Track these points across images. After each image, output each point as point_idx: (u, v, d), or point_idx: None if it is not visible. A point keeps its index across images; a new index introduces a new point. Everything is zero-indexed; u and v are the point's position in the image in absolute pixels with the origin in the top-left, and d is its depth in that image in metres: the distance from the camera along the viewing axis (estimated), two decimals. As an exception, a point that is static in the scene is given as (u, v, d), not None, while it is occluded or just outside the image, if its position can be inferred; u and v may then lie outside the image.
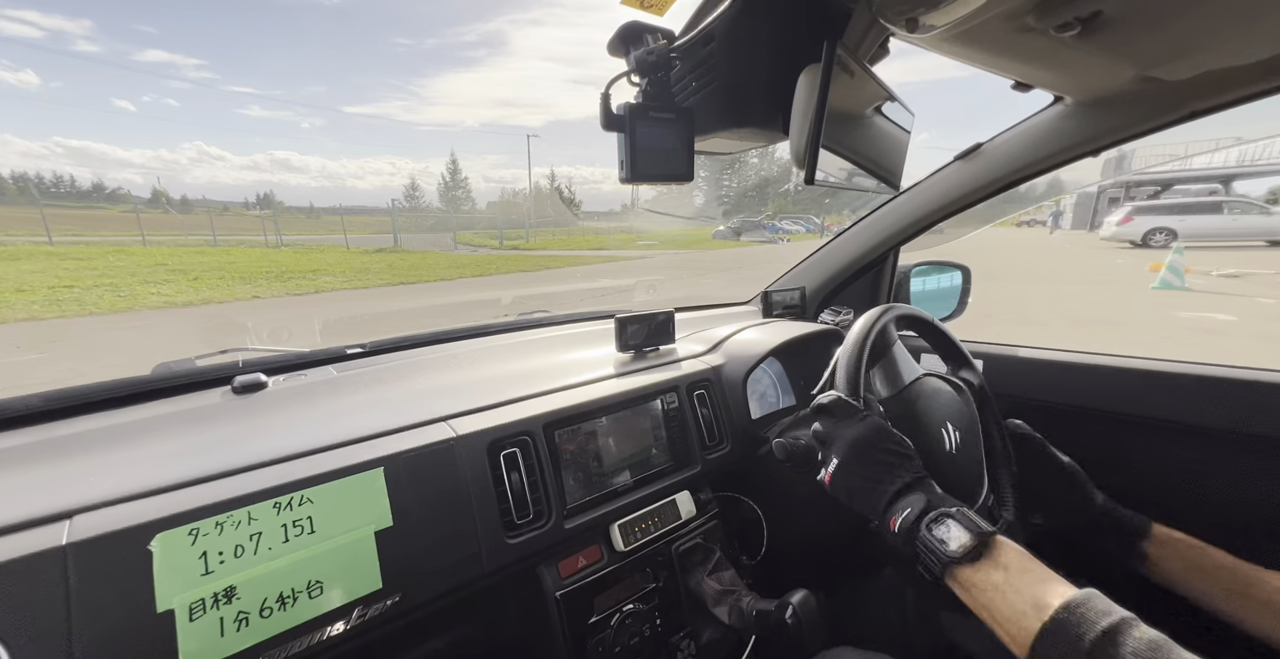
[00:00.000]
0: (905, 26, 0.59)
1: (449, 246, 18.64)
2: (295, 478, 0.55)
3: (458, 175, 57.38)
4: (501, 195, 78.05)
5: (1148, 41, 0.63)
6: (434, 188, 63.25)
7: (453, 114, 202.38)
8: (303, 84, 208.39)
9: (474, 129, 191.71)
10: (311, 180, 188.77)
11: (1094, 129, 0.87)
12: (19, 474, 0.53)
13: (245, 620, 0.49)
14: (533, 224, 29.22)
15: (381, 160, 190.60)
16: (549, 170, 76.17)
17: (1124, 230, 12.85)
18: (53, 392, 0.66)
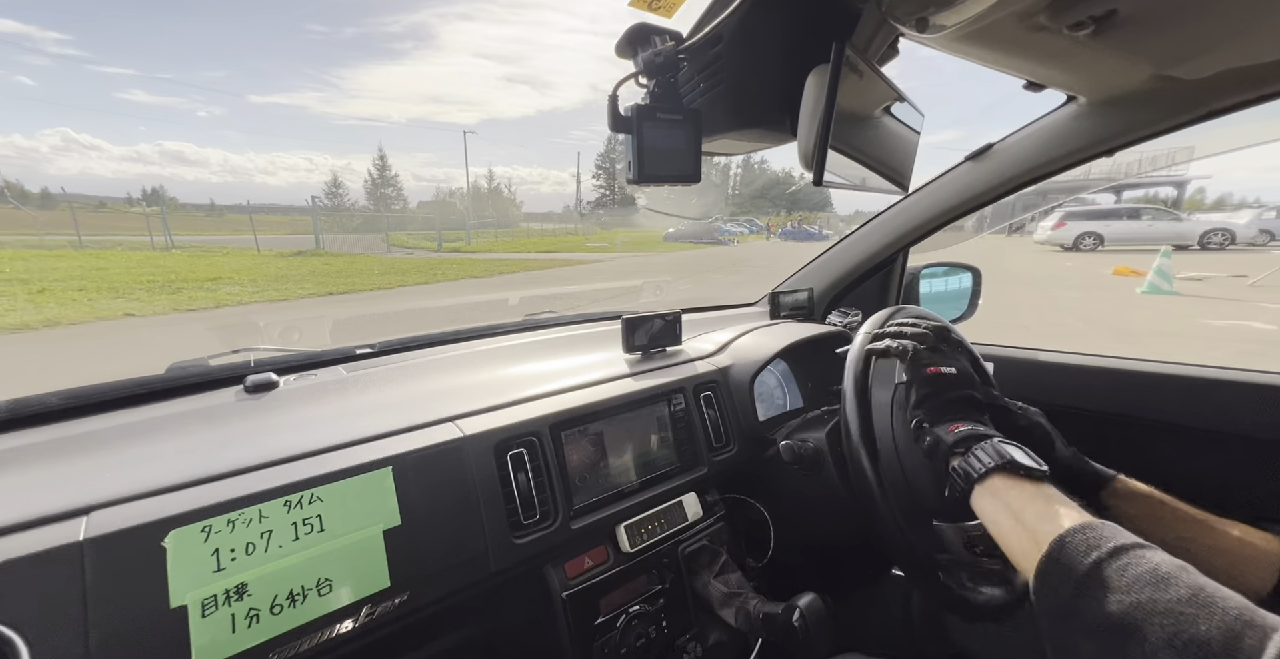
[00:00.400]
0: (915, 26, 0.58)
1: (381, 249, 16.49)
2: (305, 476, 0.56)
3: (387, 172, 52.60)
4: (436, 195, 72.85)
5: (1164, 40, 0.62)
6: (360, 185, 56.90)
7: (378, 108, 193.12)
8: (198, 68, 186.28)
9: (402, 125, 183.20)
10: (212, 175, 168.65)
11: (1108, 129, 0.86)
12: (38, 470, 0.55)
13: (256, 617, 0.50)
14: (473, 225, 27.74)
15: (297, 155, 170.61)
16: (486, 170, 74.33)
17: (1057, 235, 13.68)
18: (70, 390, 0.67)
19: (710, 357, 1.04)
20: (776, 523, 0.96)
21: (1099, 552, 0.39)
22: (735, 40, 0.62)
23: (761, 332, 1.12)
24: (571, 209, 76.47)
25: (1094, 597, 0.37)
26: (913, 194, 1.19)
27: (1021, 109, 1.00)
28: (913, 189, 1.08)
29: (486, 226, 31.58)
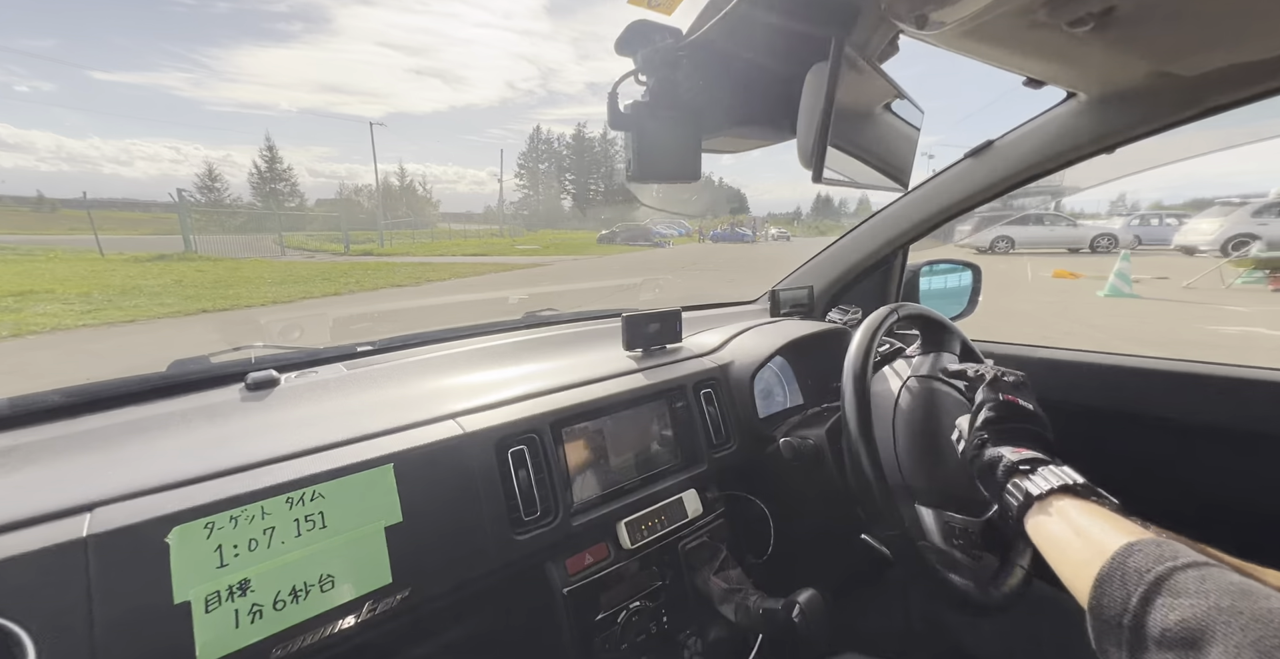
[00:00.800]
0: (915, 23, 0.58)
1: (273, 252, 14.10)
2: (307, 473, 0.56)
3: (277, 165, 46.46)
4: (340, 192, 66.74)
5: (1163, 36, 0.62)
6: (244, 179, 49.65)
7: (263, 95, 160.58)
8: (14, 33, 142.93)
9: (294, 115, 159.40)
10: (41, 163, 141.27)
11: (1108, 126, 0.86)
12: (42, 467, 0.55)
13: (259, 613, 0.50)
14: (386, 225, 25.35)
15: (159, 143, 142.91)
16: (397, 167, 67.34)
17: (974, 239, 14.58)
18: (72, 388, 0.67)
19: (710, 354, 1.04)
20: (776, 519, 0.97)
21: (1172, 562, 0.36)
22: (734, 37, 0.62)
23: (761, 329, 1.13)
24: (494, 209, 73.02)
25: (1164, 603, 0.34)
26: (912, 191, 1.19)
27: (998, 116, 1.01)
28: (912, 186, 1.08)
29: (401, 226, 29.20)
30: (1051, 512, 0.49)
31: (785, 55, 0.64)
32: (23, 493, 0.49)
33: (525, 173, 74.34)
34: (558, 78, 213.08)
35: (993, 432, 0.60)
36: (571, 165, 75.60)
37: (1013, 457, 0.55)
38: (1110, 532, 0.43)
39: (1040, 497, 0.50)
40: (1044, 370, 1.12)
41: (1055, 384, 1.10)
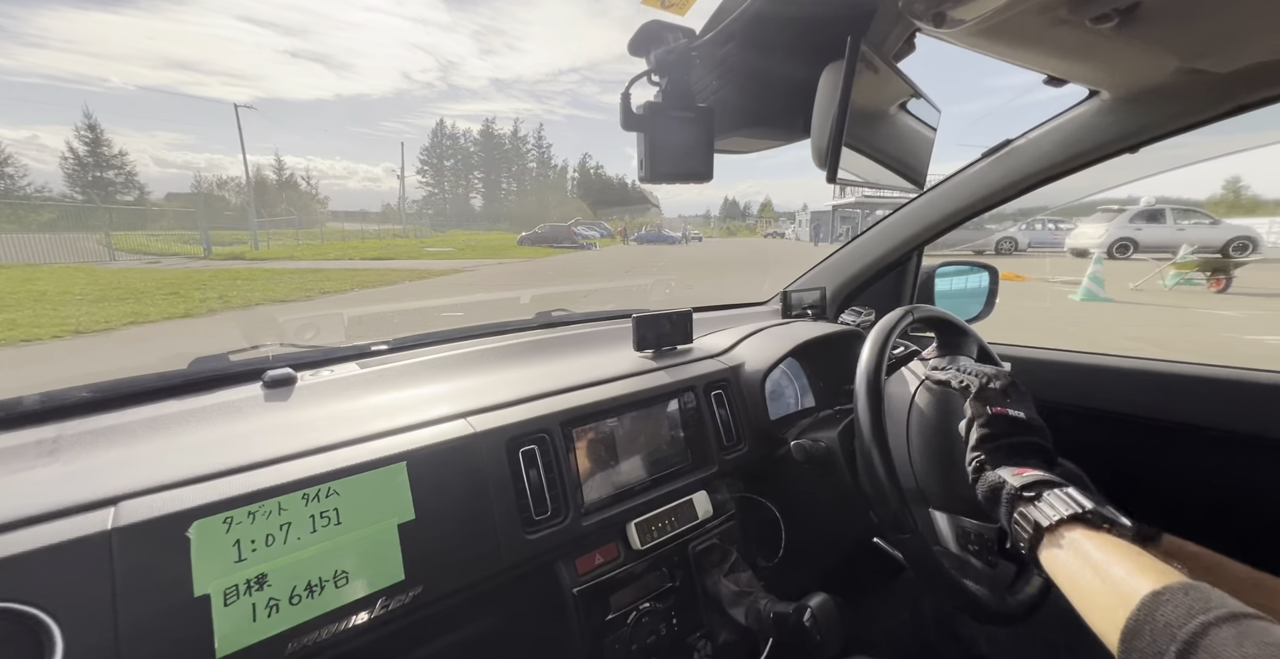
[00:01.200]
0: (932, 21, 0.58)
1: (99, 256, 11.44)
2: (322, 471, 0.57)
3: (104, 150, 38.72)
4: (197, 185, 57.53)
5: (1192, 32, 0.60)
6: (56, 166, 40.87)
7: (83, 65, 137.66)
8: None
9: (130, 93, 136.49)
10: None
11: (1132, 125, 0.84)
12: (69, 461, 0.56)
13: (276, 607, 0.51)
14: (262, 224, 21.99)
15: None
16: (273, 158, 58.19)
17: None
18: (99, 384, 0.69)
19: (721, 355, 1.03)
20: (787, 523, 0.96)
21: (1204, 616, 0.34)
22: (748, 37, 0.62)
23: (773, 330, 1.12)
24: (394, 207, 65.70)
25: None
26: (927, 192, 1.17)
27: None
28: (928, 186, 1.06)
29: (281, 226, 25.58)
30: (1064, 544, 0.47)
31: (800, 54, 0.64)
32: (52, 485, 0.51)
33: (429, 170, 69.19)
34: (459, 72, 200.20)
35: (988, 451, 0.57)
36: (481, 163, 71.31)
37: (1014, 480, 0.52)
38: (1133, 574, 0.41)
39: (1050, 528, 0.48)
40: (1061, 374, 1.10)
41: (1072, 388, 1.07)
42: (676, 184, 0.66)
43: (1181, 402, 0.95)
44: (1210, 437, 0.93)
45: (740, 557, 0.88)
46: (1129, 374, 1.01)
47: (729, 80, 0.66)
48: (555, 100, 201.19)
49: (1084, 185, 1.03)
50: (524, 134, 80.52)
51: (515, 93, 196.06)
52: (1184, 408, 0.95)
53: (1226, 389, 0.91)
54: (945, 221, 1.17)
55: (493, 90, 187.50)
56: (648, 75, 0.62)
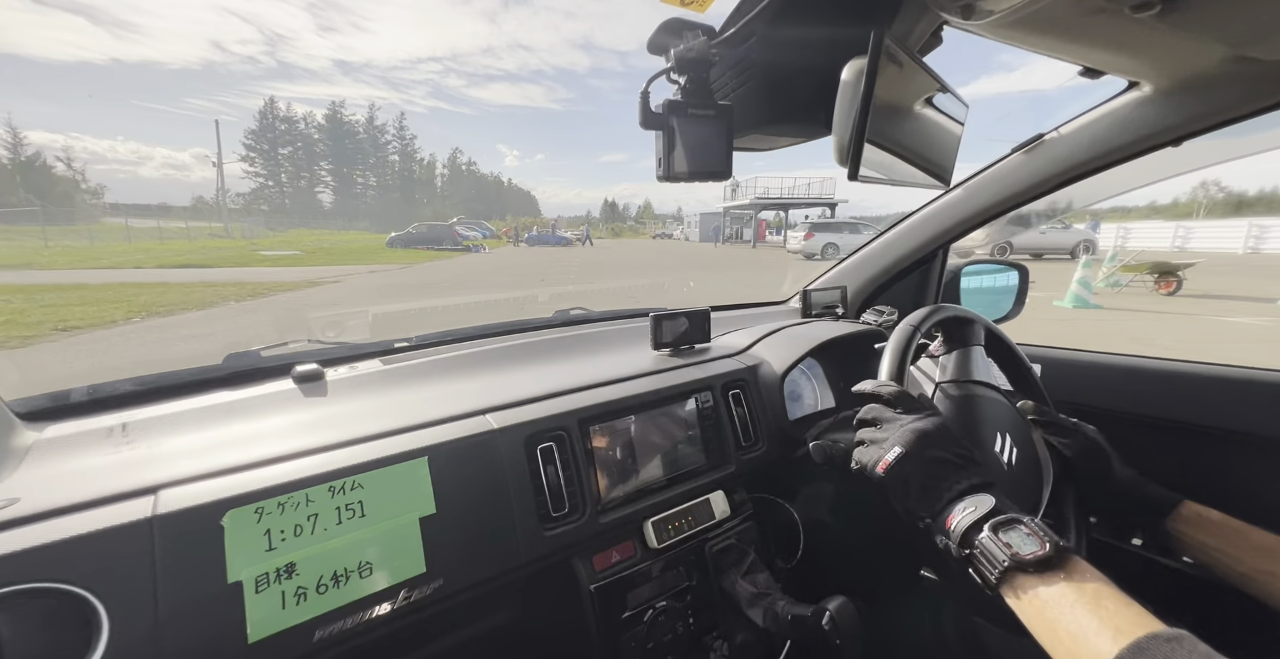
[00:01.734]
0: (960, 13, 0.56)
1: None
2: (348, 464, 0.58)
3: None
4: None
5: (1242, 17, 0.57)
6: None
7: None
8: None
9: None
10: None
11: (1176, 117, 0.80)
12: (113, 451, 0.59)
13: (304, 595, 0.53)
14: None
15: None
16: (6, 133, 44.80)
17: (809, 244, 16.47)
18: (143, 378, 0.73)
19: (739, 354, 1.03)
20: (806, 524, 0.95)
21: None
22: (769, 33, 0.61)
23: (792, 330, 1.10)
24: (211, 201, 48.42)
25: None
26: (954, 188, 1.14)
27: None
28: (954, 183, 1.03)
29: (21, 220, 18.62)
30: (1018, 598, 0.45)
31: (822, 49, 0.62)
32: (98, 473, 0.54)
33: (257, 157, 56.27)
34: (291, 48, 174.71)
35: (915, 502, 0.53)
36: (330, 153, 60.98)
37: (950, 538, 0.49)
38: (1089, 629, 0.40)
39: (998, 585, 0.46)
40: (1093, 374, 1.05)
41: (1104, 390, 1.03)
42: (694, 183, 0.66)
43: (1220, 406, 0.91)
44: (1251, 443, 0.88)
45: (758, 558, 0.87)
46: (1166, 376, 0.97)
47: (749, 77, 0.65)
48: (415, 90, 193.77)
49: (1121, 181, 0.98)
50: (382, 123, 71.42)
51: (367, 78, 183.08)
52: (1222, 412, 0.91)
53: (1269, 392, 0.86)
54: (972, 219, 1.14)
55: (337, 72, 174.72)
56: (666, 73, 0.62)
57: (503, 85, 19.80)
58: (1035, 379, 0.84)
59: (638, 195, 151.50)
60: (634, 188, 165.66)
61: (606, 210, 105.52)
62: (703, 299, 1.17)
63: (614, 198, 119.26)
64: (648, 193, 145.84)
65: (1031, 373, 0.84)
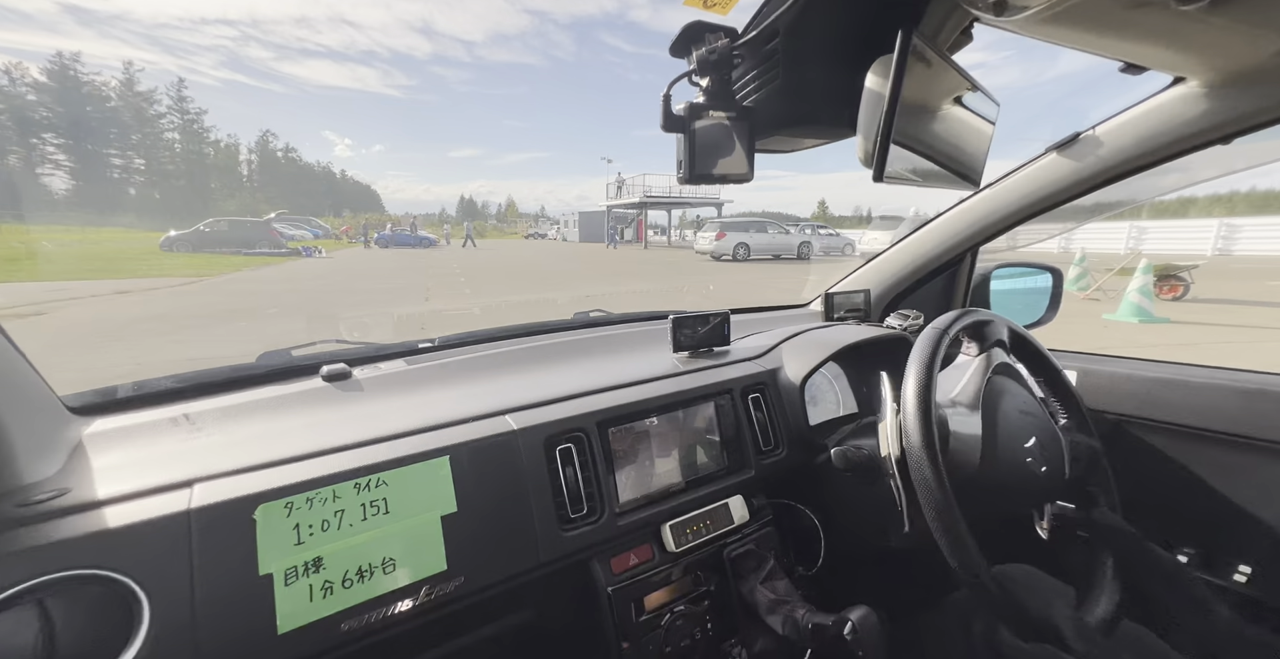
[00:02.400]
0: (993, 10, 0.54)
1: None
2: (373, 462, 0.60)
3: None
4: None
5: None
6: None
7: None
8: None
9: None
10: None
11: (1226, 113, 0.76)
12: (154, 445, 0.62)
13: (330, 589, 0.54)
14: None
15: None
16: None
17: (721, 245, 15.28)
18: (182, 375, 0.76)
19: (759, 358, 1.02)
20: (828, 532, 0.93)
21: None
22: (793, 33, 0.60)
23: (814, 333, 1.09)
24: None
25: None
26: (984, 189, 1.11)
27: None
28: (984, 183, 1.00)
29: None
30: None
31: (847, 49, 0.61)
32: (139, 466, 0.56)
33: None
34: None
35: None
36: (56, 121, 43.12)
37: None
38: None
39: None
40: (1132, 385, 1.01)
41: (1143, 400, 0.99)
42: (715, 185, 0.66)
43: (1264, 415, 0.86)
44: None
45: (778, 564, 0.86)
46: (1210, 388, 0.92)
47: (771, 79, 0.64)
48: (201, 57, 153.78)
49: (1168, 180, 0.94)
50: (149, 90, 52.68)
51: (121, 34, 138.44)
52: (1266, 422, 0.86)
53: None
54: (1004, 221, 1.10)
55: (69, 21, 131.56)
56: (689, 76, 0.62)
57: (324, 63, 18.26)
58: (1070, 386, 0.80)
59: (497, 193, 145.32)
60: (492, 185, 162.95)
61: (464, 208, 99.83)
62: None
63: (471, 195, 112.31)
64: (510, 190, 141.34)
65: (1065, 380, 0.81)
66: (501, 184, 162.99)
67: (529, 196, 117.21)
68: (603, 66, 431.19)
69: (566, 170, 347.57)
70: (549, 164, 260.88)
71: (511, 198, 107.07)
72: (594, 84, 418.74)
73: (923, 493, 0.60)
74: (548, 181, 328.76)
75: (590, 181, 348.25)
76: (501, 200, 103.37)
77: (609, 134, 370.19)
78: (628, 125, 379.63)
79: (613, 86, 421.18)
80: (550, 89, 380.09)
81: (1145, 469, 1.00)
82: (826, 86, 0.65)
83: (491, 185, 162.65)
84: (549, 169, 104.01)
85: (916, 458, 0.61)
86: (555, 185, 46.22)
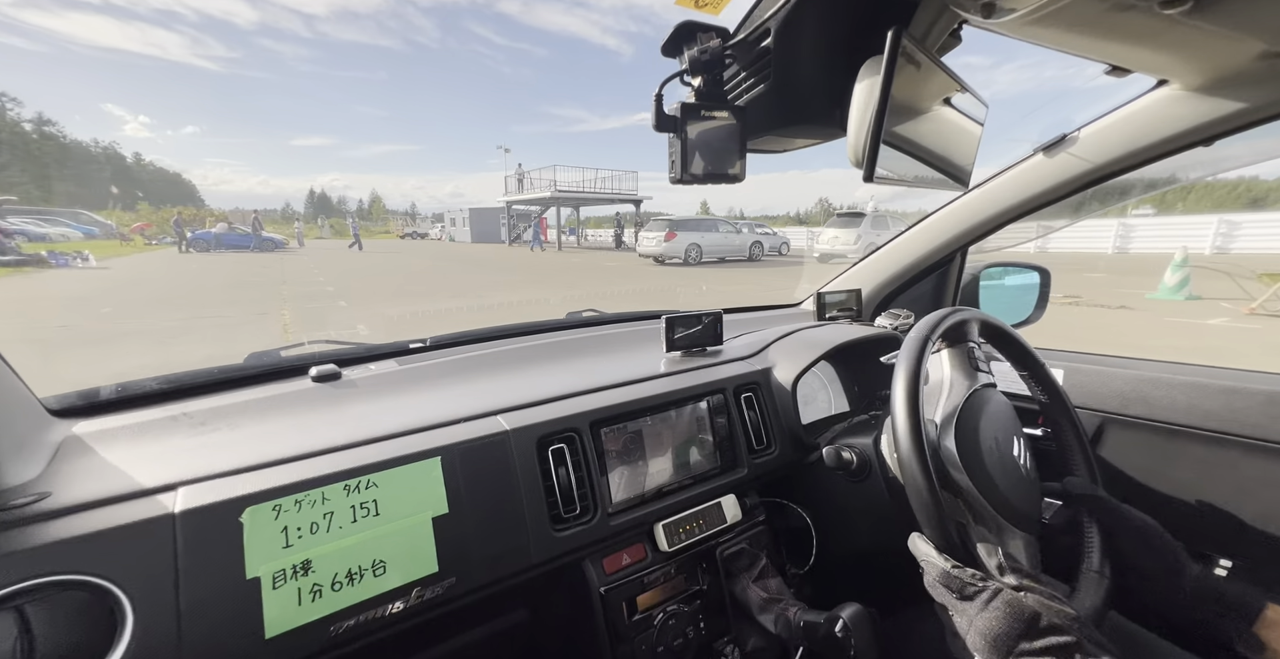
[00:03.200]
0: (981, 12, 0.55)
1: None
2: (363, 463, 0.59)
3: None
4: None
5: (1277, 12, 0.55)
6: None
7: None
8: None
9: None
10: None
11: (1207, 115, 0.78)
12: (139, 447, 0.61)
13: (319, 592, 0.54)
14: None
15: None
16: None
17: (671, 246, 13.74)
18: (167, 376, 0.75)
19: (751, 357, 1.02)
20: (819, 530, 0.94)
21: None
22: (784, 34, 0.60)
23: (806, 333, 1.09)
24: None
25: None
26: (973, 189, 1.12)
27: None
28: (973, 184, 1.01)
29: None
30: None
31: (838, 50, 0.62)
32: (124, 469, 0.55)
33: None
34: None
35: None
36: None
37: None
38: None
39: None
40: (1120, 383, 1.02)
41: (1131, 398, 1.00)
42: (707, 185, 0.66)
43: (1242, 412, 0.88)
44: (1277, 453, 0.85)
45: (770, 563, 0.87)
46: (1197, 387, 0.94)
47: (763, 79, 0.65)
48: None
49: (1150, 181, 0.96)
50: None
51: None
52: (1243, 419, 0.88)
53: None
54: (992, 221, 1.11)
55: None
56: (681, 76, 0.62)
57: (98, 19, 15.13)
58: (1056, 384, 0.81)
59: (356, 187, 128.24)
60: (350, 178, 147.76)
61: (315, 203, 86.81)
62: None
63: (323, 188, 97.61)
64: (373, 184, 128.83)
65: (1052, 378, 0.82)
66: (362, 177, 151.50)
67: (395, 192, 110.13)
68: (471, 57, 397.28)
69: (437, 166, 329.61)
70: (418, 158, 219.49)
71: (376, 193, 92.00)
72: (465, 75, 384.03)
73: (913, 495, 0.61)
74: (417, 176, 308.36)
75: (466, 178, 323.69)
76: (364, 195, 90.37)
77: (485, 129, 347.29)
78: (505, 121, 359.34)
79: (486, 79, 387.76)
80: (415, 77, 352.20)
81: (1129, 465, 1.02)
82: (818, 87, 0.65)
83: (349, 178, 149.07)
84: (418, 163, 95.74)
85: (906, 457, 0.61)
86: (425, 181, 44.01)
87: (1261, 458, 0.88)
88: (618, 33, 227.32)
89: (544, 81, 18.89)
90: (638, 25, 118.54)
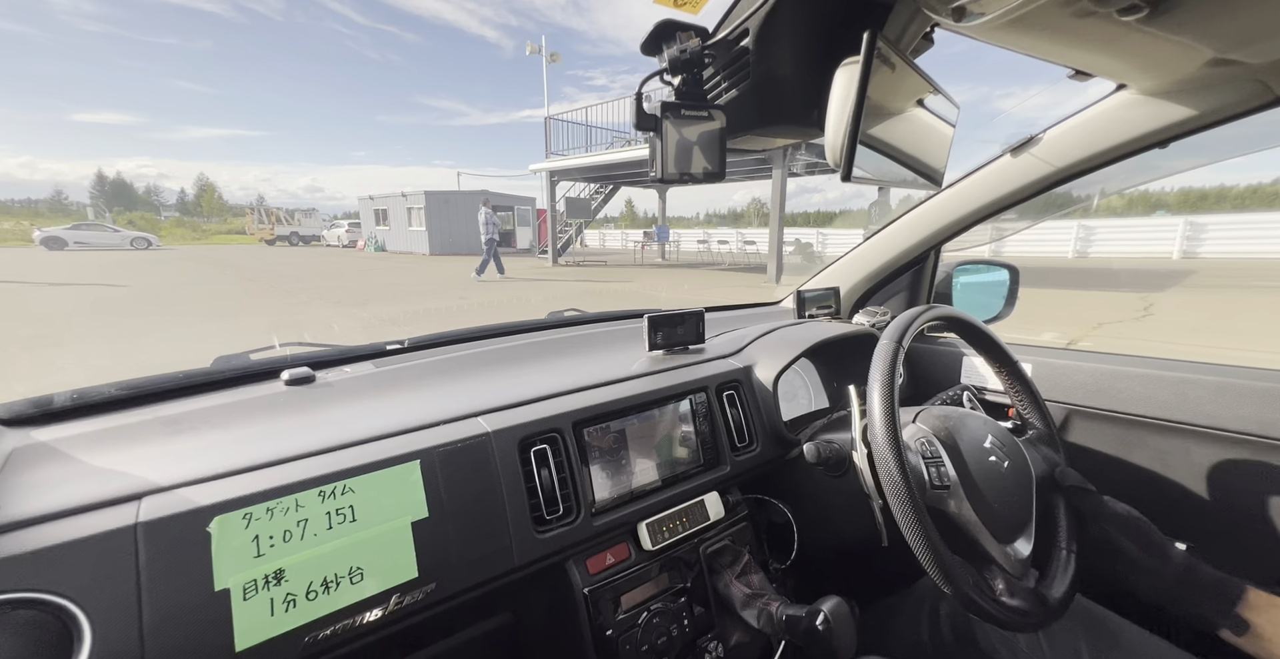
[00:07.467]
0: (951, 15, 0.56)
1: None
2: (338, 468, 0.58)
3: None
4: None
5: (1225, 20, 0.58)
6: None
7: None
8: None
9: None
10: None
11: (1162, 119, 0.81)
12: (97, 457, 0.58)
13: (293, 602, 0.52)
14: None
15: None
16: None
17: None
18: (126, 382, 0.71)
19: (733, 355, 1.03)
20: (800, 525, 0.95)
21: None
22: (762, 34, 0.61)
23: (786, 331, 1.11)
24: None
25: None
26: (946, 189, 1.15)
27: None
28: (946, 184, 1.04)
29: None
30: None
31: (815, 51, 0.63)
32: (80, 481, 0.52)
33: None
34: None
35: None
36: None
37: None
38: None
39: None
40: (1087, 376, 1.07)
41: (1098, 390, 1.04)
42: (688, 184, 0.66)
43: (1215, 408, 0.92)
44: (1244, 443, 0.90)
45: (752, 558, 0.87)
46: (1162, 380, 0.98)
47: (742, 78, 0.65)
48: None
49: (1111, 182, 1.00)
50: None
51: None
52: (1193, 408, 0.93)
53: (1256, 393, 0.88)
54: (965, 219, 1.15)
55: None
56: (660, 74, 0.62)
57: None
58: (1026, 378, 0.84)
59: (174, 176, 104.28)
60: (164, 165, 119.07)
61: (108, 191, 71.28)
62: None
63: (123, 174, 76.19)
64: (198, 172, 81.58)
65: (1022, 372, 0.85)
66: (182, 165, 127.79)
67: (232, 183, 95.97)
68: (327, 35, 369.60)
69: (290, 156, 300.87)
70: (262, 145, 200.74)
71: (209, 182, 76.06)
72: (321, 56, 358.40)
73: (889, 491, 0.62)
74: (261, 166, 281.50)
75: (325, 171, 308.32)
76: (185, 186, 74.94)
77: (348, 119, 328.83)
78: (370, 109, 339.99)
79: (347, 63, 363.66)
80: (253, 52, 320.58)
81: (1092, 455, 1.06)
82: (796, 87, 0.66)
83: (163, 165, 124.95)
84: (263, 152, 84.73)
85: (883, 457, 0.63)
86: (274, 172, 40.44)
87: (1213, 445, 0.93)
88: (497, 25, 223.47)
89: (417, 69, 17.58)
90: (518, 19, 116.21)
